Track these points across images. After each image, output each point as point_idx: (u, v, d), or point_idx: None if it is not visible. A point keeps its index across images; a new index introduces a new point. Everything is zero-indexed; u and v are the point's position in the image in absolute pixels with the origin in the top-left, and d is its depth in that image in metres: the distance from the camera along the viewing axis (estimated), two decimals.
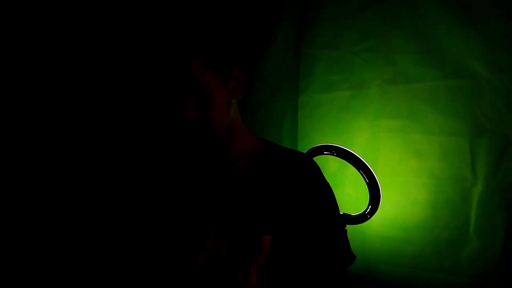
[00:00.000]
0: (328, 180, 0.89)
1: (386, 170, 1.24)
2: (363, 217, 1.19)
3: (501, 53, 1.09)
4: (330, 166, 1.31)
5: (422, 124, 1.19)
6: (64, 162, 1.17)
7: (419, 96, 1.20)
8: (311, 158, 0.89)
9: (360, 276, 1.26)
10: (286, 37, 1.40)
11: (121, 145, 1.27)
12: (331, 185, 0.88)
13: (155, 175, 1.02)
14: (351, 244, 0.86)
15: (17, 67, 1.10)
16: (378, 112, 1.27)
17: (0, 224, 1.04)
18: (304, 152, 0.91)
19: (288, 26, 1.40)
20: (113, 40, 1.24)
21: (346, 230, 0.90)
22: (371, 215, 1.18)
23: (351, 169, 1.20)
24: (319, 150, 1.24)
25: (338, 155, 1.21)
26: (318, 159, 1.12)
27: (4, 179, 1.06)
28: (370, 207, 1.17)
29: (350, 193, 1.30)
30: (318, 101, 1.38)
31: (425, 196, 1.18)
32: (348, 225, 1.13)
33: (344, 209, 1.25)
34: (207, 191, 0.89)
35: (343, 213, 1.22)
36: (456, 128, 1.14)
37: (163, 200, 0.94)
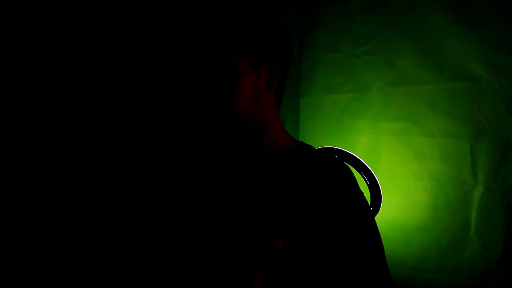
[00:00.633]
0: None
1: (387, 172, 1.25)
2: None
3: (501, 56, 1.09)
4: None
5: (423, 127, 1.20)
6: (63, 162, 1.17)
7: (420, 98, 1.21)
8: (347, 168, 0.80)
9: None
10: None
11: (132, 143, 1.28)
12: None
13: (171, 173, 1.01)
14: None
15: (19, 67, 1.11)
16: (379, 114, 1.27)
17: (0, 224, 1.05)
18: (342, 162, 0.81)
19: (289, 29, 1.41)
20: (124, 34, 1.24)
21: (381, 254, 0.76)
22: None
23: (353, 171, 1.21)
24: None
25: (340, 158, 1.21)
26: None
27: (4, 179, 1.07)
28: (371, 209, 1.18)
29: None
30: (320, 103, 1.38)
31: (425, 198, 1.19)
32: None
33: None
34: (225, 190, 0.86)
35: None
36: (457, 130, 1.15)
37: (177, 199, 0.93)
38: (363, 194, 0.77)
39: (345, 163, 0.79)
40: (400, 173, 1.23)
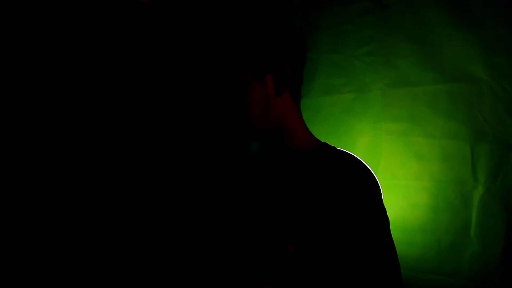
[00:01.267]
0: None
1: (388, 173, 1.25)
2: None
3: (501, 58, 1.09)
4: None
5: (423, 128, 1.20)
6: (65, 162, 1.17)
7: (420, 99, 1.21)
8: (368, 173, 0.77)
9: None
10: None
11: (143, 143, 1.27)
12: None
13: (184, 174, 1.00)
14: None
15: (18, 67, 1.11)
16: (380, 115, 1.28)
17: (0, 224, 1.05)
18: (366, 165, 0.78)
19: None
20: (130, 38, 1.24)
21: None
22: None
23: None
24: None
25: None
26: None
27: (4, 179, 1.07)
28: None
29: None
30: (320, 104, 1.39)
31: (426, 199, 1.19)
32: None
33: None
34: (242, 191, 0.85)
35: None
36: (457, 131, 1.15)
37: (189, 201, 0.92)
38: (380, 202, 0.75)
39: (367, 166, 0.77)
40: (400, 174, 1.23)
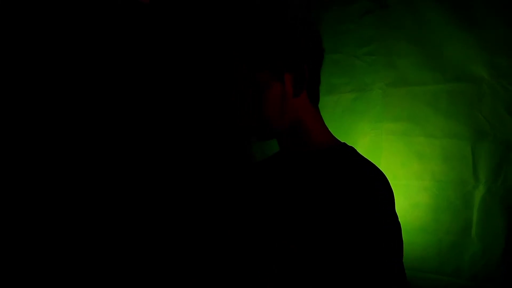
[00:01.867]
0: None
1: (388, 173, 1.22)
2: None
3: (502, 58, 1.10)
4: None
5: (424, 127, 1.20)
6: (75, 162, 1.17)
7: (421, 99, 1.21)
8: (384, 178, 0.77)
9: None
10: None
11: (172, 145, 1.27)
12: None
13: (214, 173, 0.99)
14: None
15: (19, 67, 1.10)
16: (380, 115, 1.28)
17: (0, 224, 1.05)
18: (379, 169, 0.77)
19: None
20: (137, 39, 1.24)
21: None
22: None
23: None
24: None
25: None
26: None
27: (4, 179, 1.07)
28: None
29: None
30: (321, 104, 1.37)
31: (426, 199, 1.19)
32: None
33: None
34: (250, 189, 0.85)
35: None
36: (458, 131, 1.15)
37: (194, 200, 0.91)
38: (392, 207, 0.75)
39: (381, 171, 0.77)
40: (401, 174, 1.23)
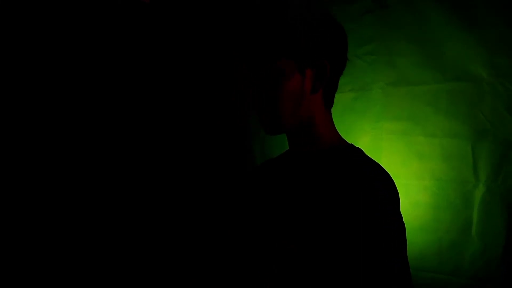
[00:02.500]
0: None
1: (388, 172, 1.24)
2: None
3: (502, 57, 1.10)
4: None
5: (424, 127, 1.20)
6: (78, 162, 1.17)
7: (421, 98, 1.21)
8: (389, 179, 0.74)
9: None
10: None
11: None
12: None
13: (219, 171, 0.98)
14: None
15: (27, 66, 1.10)
16: (381, 114, 1.28)
17: (0, 224, 1.05)
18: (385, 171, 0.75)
19: None
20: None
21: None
22: None
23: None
24: None
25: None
26: None
27: (4, 179, 1.06)
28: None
29: None
30: None
31: (427, 198, 1.19)
32: None
33: None
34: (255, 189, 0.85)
35: None
36: (458, 130, 1.15)
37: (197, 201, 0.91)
38: (396, 208, 0.72)
39: (388, 173, 0.75)
40: (401, 173, 1.23)
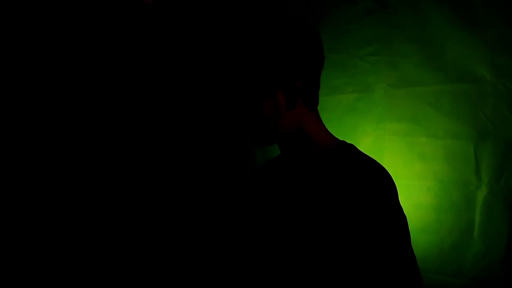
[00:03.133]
0: None
1: (391, 173, 1.23)
2: None
3: (504, 58, 1.10)
4: None
5: (426, 128, 1.20)
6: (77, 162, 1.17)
7: (423, 99, 1.21)
8: (386, 174, 0.76)
9: None
10: None
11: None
12: None
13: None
14: None
15: (30, 66, 1.10)
16: (382, 115, 1.28)
17: (0, 224, 1.05)
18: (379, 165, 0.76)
19: None
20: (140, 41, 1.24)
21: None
22: None
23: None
24: None
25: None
26: None
27: (4, 179, 1.06)
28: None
29: None
30: (323, 104, 1.36)
31: (429, 200, 1.19)
32: None
33: None
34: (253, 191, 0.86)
35: None
36: (460, 131, 1.15)
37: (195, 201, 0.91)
38: (395, 203, 0.74)
39: (384, 168, 0.76)
40: (403, 174, 1.23)
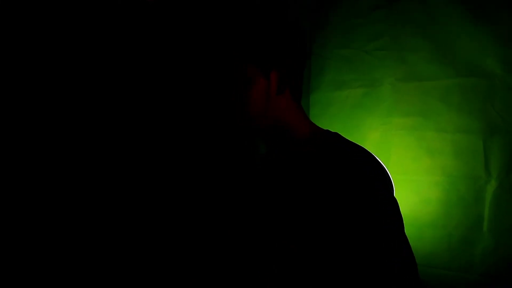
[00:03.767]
0: None
1: (399, 168, 1.24)
2: None
3: None
4: None
5: (435, 122, 1.19)
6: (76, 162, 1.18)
7: (432, 94, 1.20)
8: (376, 162, 0.75)
9: None
10: None
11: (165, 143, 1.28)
12: None
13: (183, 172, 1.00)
14: None
15: (30, 66, 1.11)
16: (391, 110, 1.27)
17: (0, 224, 1.05)
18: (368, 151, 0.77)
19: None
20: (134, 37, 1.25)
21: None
22: None
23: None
24: None
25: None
26: None
27: (4, 179, 1.07)
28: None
29: None
30: (330, 99, 1.38)
31: (437, 194, 1.18)
32: None
33: None
34: (241, 187, 0.87)
35: None
36: (470, 126, 1.14)
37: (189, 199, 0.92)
38: (388, 192, 0.73)
39: (374, 156, 0.77)
40: (411, 169, 1.22)
